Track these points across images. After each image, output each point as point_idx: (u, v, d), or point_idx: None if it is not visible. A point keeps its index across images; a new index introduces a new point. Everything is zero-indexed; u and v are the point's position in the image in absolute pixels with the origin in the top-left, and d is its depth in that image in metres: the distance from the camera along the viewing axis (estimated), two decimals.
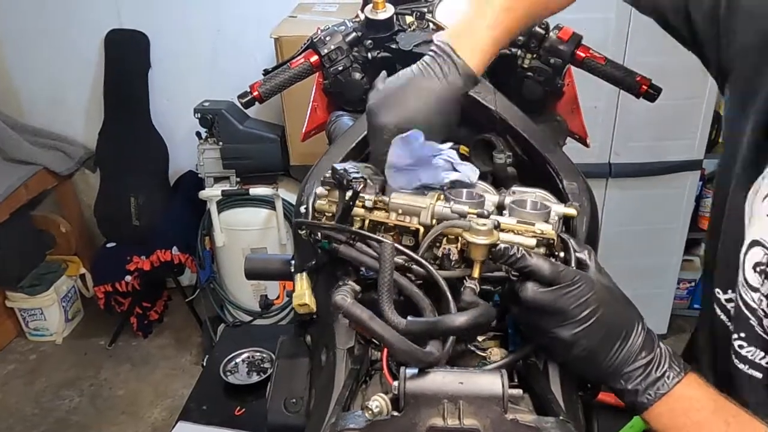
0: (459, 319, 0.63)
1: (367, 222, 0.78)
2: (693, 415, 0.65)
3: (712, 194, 0.85)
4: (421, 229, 0.75)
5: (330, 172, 0.78)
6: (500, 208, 0.79)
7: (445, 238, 0.74)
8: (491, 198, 0.82)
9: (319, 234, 0.77)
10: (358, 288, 0.73)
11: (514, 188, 0.85)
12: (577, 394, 0.81)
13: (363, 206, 0.77)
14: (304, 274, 0.81)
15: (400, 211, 0.76)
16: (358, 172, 0.76)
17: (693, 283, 2.80)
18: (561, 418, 0.63)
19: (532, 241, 0.71)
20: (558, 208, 0.79)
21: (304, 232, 0.80)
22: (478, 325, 0.64)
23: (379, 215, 0.77)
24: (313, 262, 0.83)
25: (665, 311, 2.68)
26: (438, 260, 0.75)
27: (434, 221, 0.75)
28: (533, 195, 0.83)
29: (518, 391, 0.62)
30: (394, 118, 0.81)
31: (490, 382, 0.60)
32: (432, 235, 0.73)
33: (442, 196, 0.78)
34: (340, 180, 0.75)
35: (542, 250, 0.72)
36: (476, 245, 0.68)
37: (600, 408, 0.88)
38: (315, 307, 0.80)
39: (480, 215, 0.72)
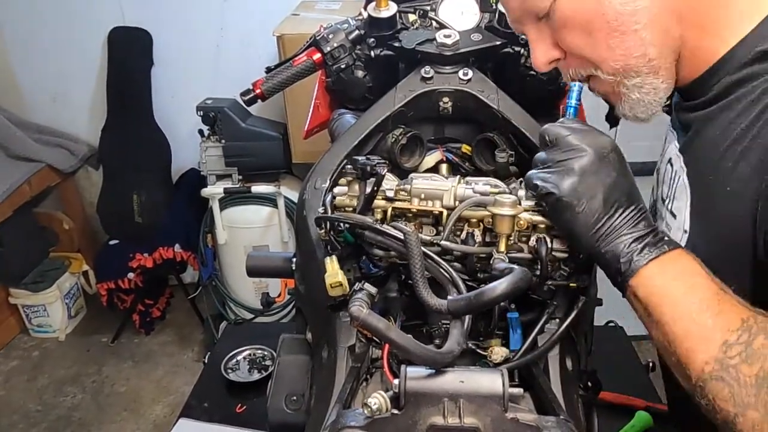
0: (499, 287, 0.62)
1: (389, 212, 0.79)
2: (687, 278, 0.62)
3: None
4: (445, 213, 0.77)
5: (350, 165, 0.79)
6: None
7: (467, 223, 0.76)
8: (503, 189, 0.83)
9: (342, 225, 0.77)
10: (374, 291, 0.73)
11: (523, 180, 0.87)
12: (577, 394, 0.81)
13: (384, 197, 0.79)
14: (334, 257, 0.79)
15: (422, 196, 0.78)
16: (379, 158, 0.78)
17: None
18: (561, 417, 0.63)
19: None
20: None
21: (323, 231, 0.79)
22: (518, 290, 0.64)
23: (401, 204, 0.79)
24: (339, 249, 0.80)
25: None
26: (462, 242, 0.77)
27: (457, 203, 0.77)
28: None
29: (519, 390, 0.62)
30: None
31: (490, 380, 0.60)
32: (459, 212, 0.75)
33: (462, 180, 0.81)
34: (363, 168, 0.76)
35: None
36: (502, 217, 0.71)
37: (600, 407, 0.88)
38: (348, 287, 0.78)
39: (502, 192, 0.76)
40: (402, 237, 0.69)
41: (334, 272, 0.76)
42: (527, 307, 0.79)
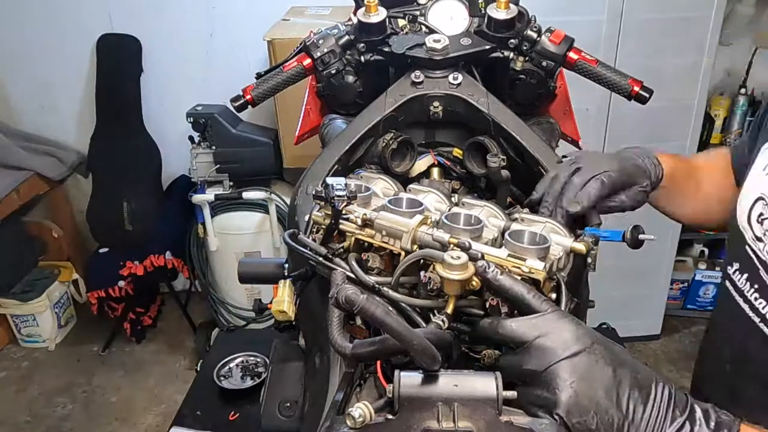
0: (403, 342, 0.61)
1: (352, 240, 0.77)
2: None
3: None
4: (403, 254, 0.73)
5: (322, 185, 0.77)
6: (505, 234, 0.76)
7: (431, 265, 0.69)
8: (497, 222, 0.80)
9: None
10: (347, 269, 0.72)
11: (524, 215, 0.82)
12: None
13: (354, 222, 0.76)
14: (288, 281, 0.80)
15: (384, 233, 0.75)
16: (343, 189, 0.75)
17: (686, 284, 2.81)
18: (555, 420, 0.63)
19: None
20: (566, 242, 0.75)
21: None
22: (425, 351, 0.61)
23: (368, 232, 0.76)
24: (303, 270, 0.82)
25: (658, 312, 2.69)
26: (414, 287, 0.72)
27: (415, 247, 0.72)
28: (542, 226, 0.78)
29: (513, 393, 0.62)
30: None
31: (484, 384, 0.60)
32: (403, 265, 0.70)
33: (429, 220, 0.75)
34: (327, 196, 0.75)
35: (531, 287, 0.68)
36: (448, 280, 0.65)
37: None
38: (293, 315, 0.79)
39: (460, 245, 0.68)
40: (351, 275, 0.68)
41: (280, 299, 0.75)
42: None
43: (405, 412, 0.59)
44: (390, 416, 0.59)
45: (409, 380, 0.61)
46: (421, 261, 0.71)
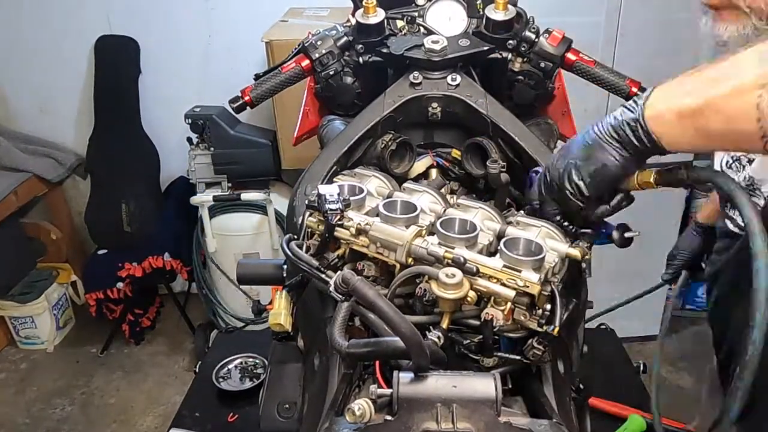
0: (399, 345, 0.62)
1: (347, 250, 0.77)
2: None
3: None
4: (398, 266, 0.73)
5: (315, 195, 0.77)
6: (500, 237, 0.76)
7: (426, 276, 0.70)
8: (493, 226, 0.79)
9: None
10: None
11: (520, 218, 0.81)
12: (569, 397, 0.81)
13: (350, 232, 0.76)
14: (284, 293, 0.81)
15: (378, 244, 0.75)
16: (336, 201, 0.75)
17: None
18: (554, 420, 0.63)
19: (511, 293, 0.67)
20: (561, 248, 0.75)
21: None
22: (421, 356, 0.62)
23: (363, 240, 0.76)
24: (299, 277, 0.83)
25: (658, 312, 2.69)
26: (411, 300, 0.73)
27: (410, 260, 0.72)
28: (537, 230, 0.78)
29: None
30: None
31: (483, 385, 0.60)
32: (398, 280, 0.71)
33: (423, 231, 0.75)
34: (320, 208, 0.75)
35: (526, 298, 0.69)
36: (443, 299, 0.66)
37: (593, 413, 0.88)
38: (290, 327, 0.80)
39: (455, 261, 0.68)
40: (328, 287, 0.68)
41: (277, 312, 0.76)
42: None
43: (404, 413, 0.59)
44: (389, 417, 0.59)
45: (408, 381, 0.61)
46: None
